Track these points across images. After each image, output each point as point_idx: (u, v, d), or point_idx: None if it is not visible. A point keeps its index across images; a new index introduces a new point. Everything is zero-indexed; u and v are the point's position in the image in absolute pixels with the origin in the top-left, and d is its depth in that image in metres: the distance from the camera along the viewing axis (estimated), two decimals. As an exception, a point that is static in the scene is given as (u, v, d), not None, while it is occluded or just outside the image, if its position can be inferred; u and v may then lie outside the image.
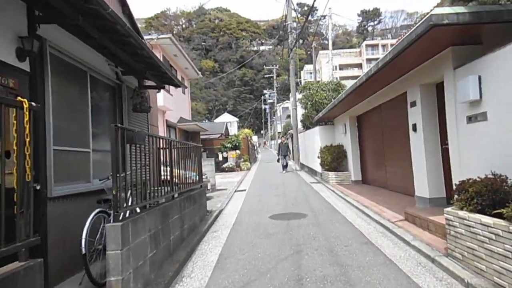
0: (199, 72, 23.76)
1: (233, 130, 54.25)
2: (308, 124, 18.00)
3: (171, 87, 18.68)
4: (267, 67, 52.49)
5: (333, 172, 12.09)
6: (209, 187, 10.47)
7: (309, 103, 15.33)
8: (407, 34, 4.77)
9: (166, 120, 17.37)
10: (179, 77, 21.13)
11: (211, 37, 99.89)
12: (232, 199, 10.16)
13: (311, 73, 65.39)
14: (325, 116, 13.10)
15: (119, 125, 3.29)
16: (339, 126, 12.85)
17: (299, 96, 16.74)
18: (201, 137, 25.11)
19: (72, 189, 4.13)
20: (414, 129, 6.44)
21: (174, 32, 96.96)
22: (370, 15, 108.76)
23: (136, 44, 4.39)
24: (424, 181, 6.17)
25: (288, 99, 63.50)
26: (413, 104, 6.46)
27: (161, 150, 5.05)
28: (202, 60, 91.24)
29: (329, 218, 6.78)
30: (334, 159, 12.16)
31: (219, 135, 29.47)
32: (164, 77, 6.19)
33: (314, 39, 37.29)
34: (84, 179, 4.51)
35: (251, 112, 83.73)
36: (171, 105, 17.05)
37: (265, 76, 65.71)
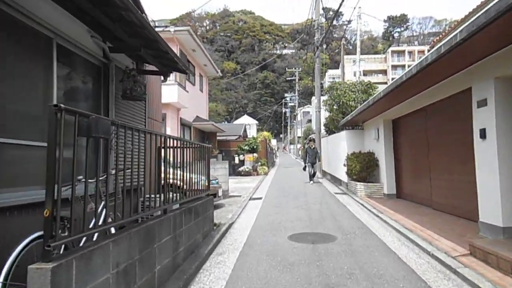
0: (219, 70, 22.70)
1: (252, 132, 53.08)
2: (332, 128, 16.55)
3: (188, 84, 17.64)
4: (290, 70, 51.13)
5: (362, 183, 10.61)
6: (220, 193, 9.23)
7: (336, 105, 13.89)
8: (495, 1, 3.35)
9: (181, 118, 16.31)
10: (197, 74, 20.10)
11: (234, 39, 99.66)
12: (245, 209, 8.86)
13: (333, 78, 63.56)
14: (354, 120, 11.66)
15: (61, 105, 2.06)
16: (370, 131, 11.37)
17: (324, 98, 15.32)
18: (218, 138, 24.02)
19: (11, 199, 2.93)
20: (483, 135, 4.97)
21: (198, 33, 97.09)
22: (397, 21, 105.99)
23: (119, 3, 3.18)
24: (496, 204, 4.70)
25: (310, 103, 61.89)
26: (482, 103, 5.00)
27: (162, 150, 3.86)
28: (224, 61, 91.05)
29: (365, 244, 5.37)
30: (363, 168, 10.68)
31: (236, 137, 28.31)
32: (166, 59, 4.98)
33: (341, 39, 35.69)
34: (38, 184, 3.32)
35: (271, 115, 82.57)
36: (186, 102, 15.97)
37: (287, 79, 64.50)
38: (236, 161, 20.53)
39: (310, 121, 54.48)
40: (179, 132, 16.08)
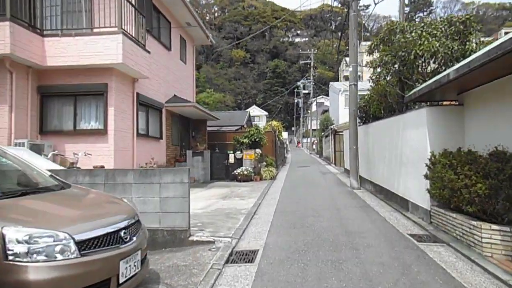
0: (210, 35, 16.59)
1: (262, 125, 47.03)
2: (374, 111, 10.36)
3: (155, 43, 11.46)
4: (304, 52, 44.66)
5: (496, 226, 4.43)
6: (130, 271, 3.21)
7: (398, 63, 7.67)
8: None
9: (138, 94, 10.30)
10: (176, 36, 14.00)
11: (244, 25, 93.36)
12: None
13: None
14: (445, 87, 5.48)
15: None
16: (497, 105, 5.18)
17: (371, 57, 9.06)
18: (210, 129, 18.01)
19: None
20: None
21: (206, 19, 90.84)
22: (420, 5, 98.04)
23: None
24: None
25: (324, 93, 55.16)
26: None
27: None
28: (233, 49, 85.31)
29: None
30: (495, 187, 4.49)
31: (238, 127, 22.20)
32: None
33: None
34: None
35: (282, 106, 76.35)
36: (146, 68, 9.92)
37: (301, 63, 57.92)
38: (231, 160, 14.34)
39: (326, 111, 48.24)
40: (135, 116, 10.09)
